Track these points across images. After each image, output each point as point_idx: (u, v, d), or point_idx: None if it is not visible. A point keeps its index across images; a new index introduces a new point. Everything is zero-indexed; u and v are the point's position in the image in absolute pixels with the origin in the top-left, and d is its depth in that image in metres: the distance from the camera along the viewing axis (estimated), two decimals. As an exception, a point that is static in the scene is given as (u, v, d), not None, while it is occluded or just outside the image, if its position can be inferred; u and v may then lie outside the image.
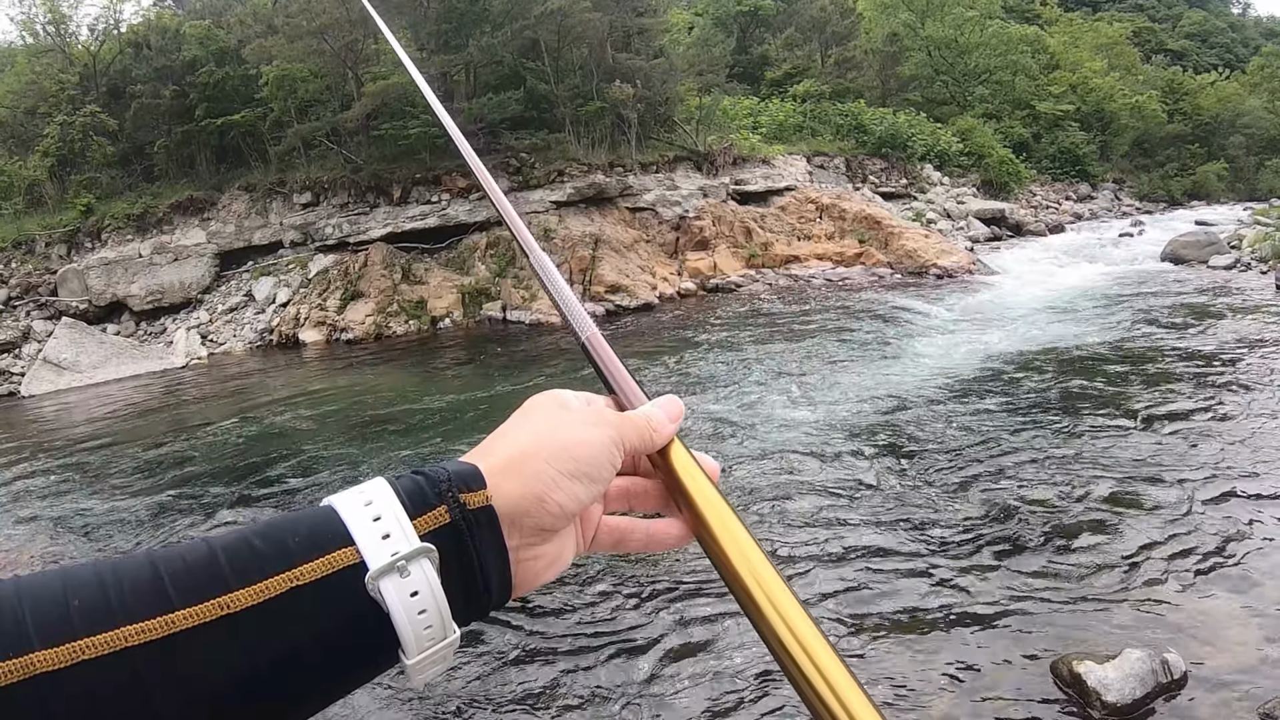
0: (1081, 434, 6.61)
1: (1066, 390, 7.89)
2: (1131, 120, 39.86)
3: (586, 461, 0.58)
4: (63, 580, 0.45)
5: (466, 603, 0.53)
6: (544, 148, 20.37)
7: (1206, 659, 3.62)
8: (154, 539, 6.95)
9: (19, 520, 7.83)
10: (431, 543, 0.51)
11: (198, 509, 7.52)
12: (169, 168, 22.78)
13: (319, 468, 8.37)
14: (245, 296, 19.93)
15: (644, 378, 10.50)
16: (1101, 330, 10.73)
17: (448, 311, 18.08)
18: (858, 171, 26.26)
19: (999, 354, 9.80)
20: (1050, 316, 12.24)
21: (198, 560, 0.47)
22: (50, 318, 19.57)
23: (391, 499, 0.52)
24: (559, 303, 0.70)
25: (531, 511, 0.55)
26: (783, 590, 0.55)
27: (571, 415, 0.62)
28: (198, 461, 9.23)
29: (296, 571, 0.48)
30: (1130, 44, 47.91)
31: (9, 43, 28.63)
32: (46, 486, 8.93)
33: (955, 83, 35.11)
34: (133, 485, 8.56)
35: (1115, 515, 5.06)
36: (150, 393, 14.90)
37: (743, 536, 0.58)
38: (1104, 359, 9.07)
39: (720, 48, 24.02)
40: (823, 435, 7.27)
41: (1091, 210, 33.28)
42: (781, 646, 0.53)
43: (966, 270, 18.70)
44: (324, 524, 0.51)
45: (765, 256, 20.29)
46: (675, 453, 0.63)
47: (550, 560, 0.59)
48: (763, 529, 5.42)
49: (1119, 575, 4.37)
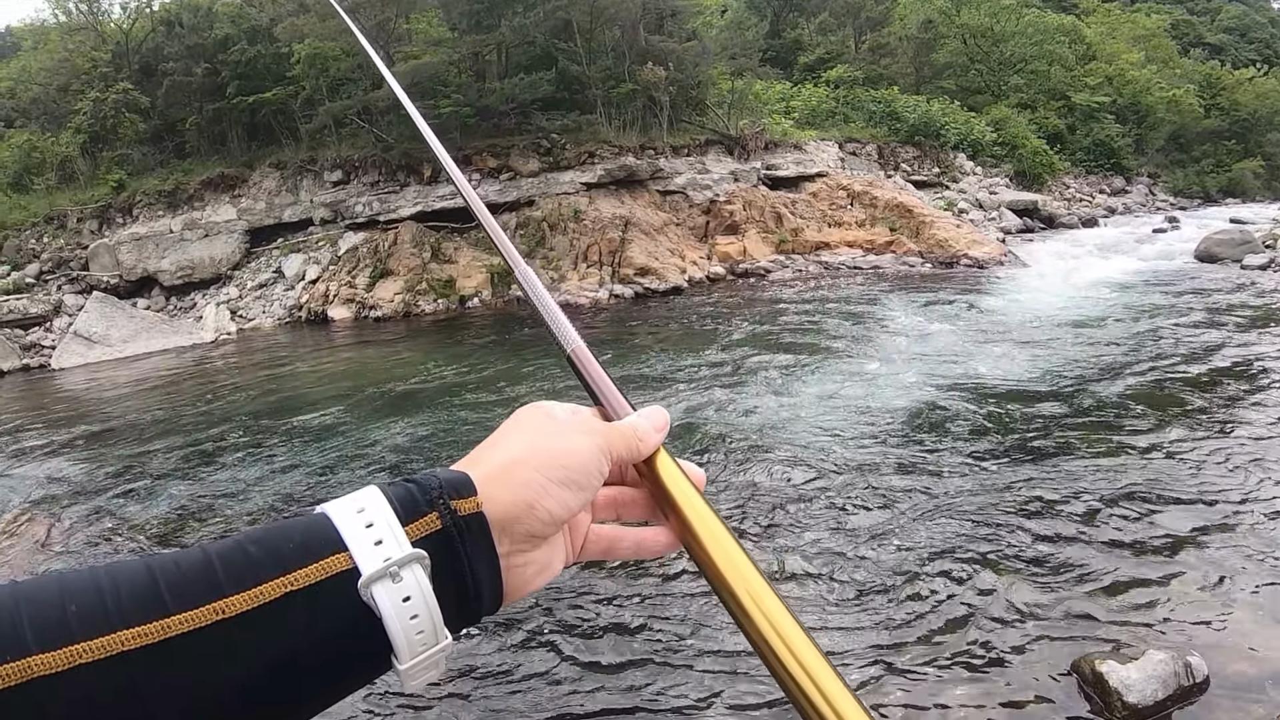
0: (1111, 437, 6.41)
1: (1095, 391, 7.64)
2: (1168, 114, 39.18)
3: (575, 469, 0.59)
4: (59, 585, 0.45)
5: (458, 608, 0.54)
6: (575, 129, 20.26)
7: (1230, 664, 3.55)
8: (173, 512, 6.92)
9: (44, 491, 7.84)
10: (423, 549, 0.52)
11: (220, 482, 7.51)
12: (200, 145, 22.88)
13: (346, 442, 8.34)
14: (275, 273, 19.98)
15: (674, 364, 10.42)
16: (1131, 329, 10.41)
17: (476, 290, 18.04)
18: (890, 159, 25.99)
19: (1030, 350, 9.53)
20: (1081, 312, 11.93)
21: (193, 566, 0.48)
22: (81, 292, 19.70)
23: (384, 506, 0.53)
24: (544, 315, 0.70)
25: (522, 518, 0.56)
26: (769, 594, 0.56)
27: (559, 425, 0.62)
28: (223, 434, 9.22)
29: (290, 577, 0.48)
30: (1168, 36, 47.16)
31: (42, 21, 28.80)
32: (70, 457, 8.95)
33: (990, 71, 34.61)
34: (158, 457, 8.56)
35: (1142, 518, 4.95)
36: (179, 366, 14.94)
37: (729, 542, 0.59)
38: (1134, 359, 8.76)
39: (753, 31, 23.81)
40: (853, 426, 7.11)
41: (1125, 204, 32.75)
42: (769, 648, 0.54)
43: (998, 261, 18.42)
44: (317, 531, 0.51)
45: (795, 242, 20.10)
46: (661, 462, 0.64)
47: (541, 567, 0.59)
48: (791, 521, 5.35)
49: (1145, 576, 4.30)
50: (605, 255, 18.13)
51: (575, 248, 18.43)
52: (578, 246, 18.42)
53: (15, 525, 6.85)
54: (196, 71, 22.61)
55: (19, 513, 7.16)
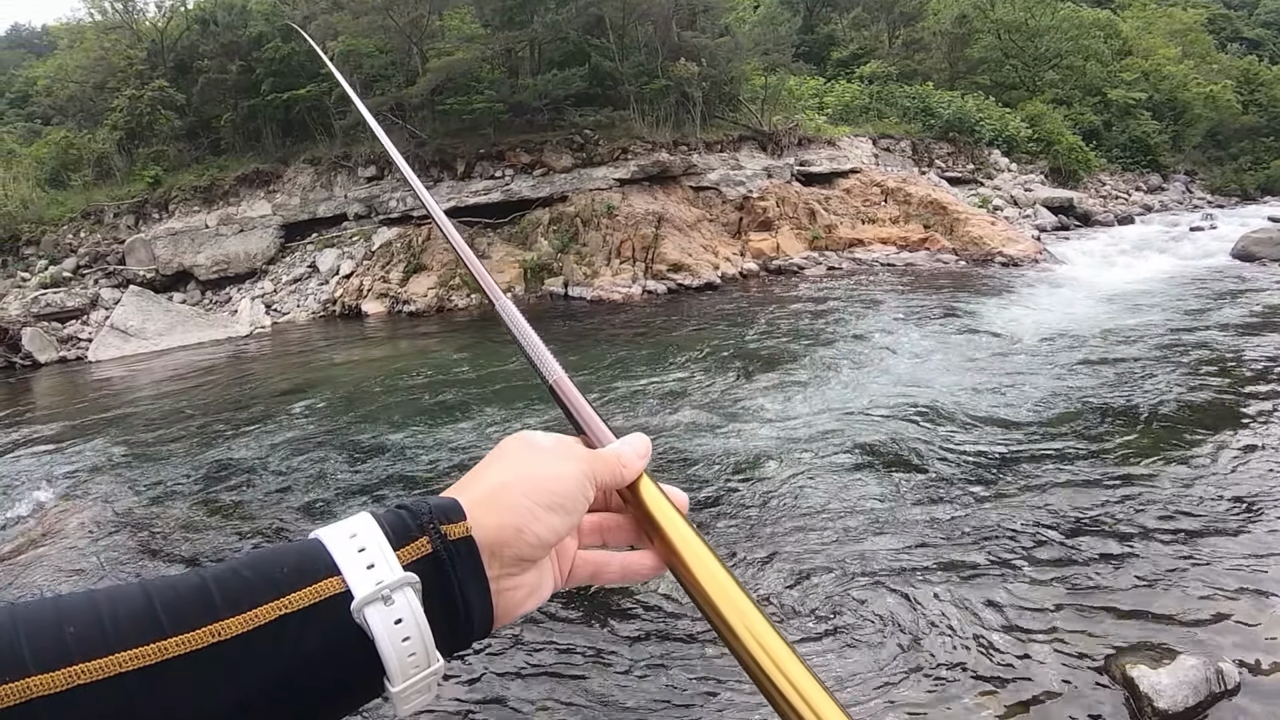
0: (1148, 441, 6.29)
1: (1131, 395, 7.43)
2: (1205, 110, 38.47)
3: (561, 494, 0.60)
4: (56, 608, 0.46)
5: (450, 631, 0.55)
6: (608, 125, 20.19)
7: (1262, 672, 3.50)
8: (207, 502, 6.93)
9: (82, 481, 7.87)
10: (415, 572, 0.53)
11: (253, 472, 7.52)
12: (235, 141, 23.05)
13: (377, 433, 8.35)
14: (309, 267, 20.08)
15: (701, 362, 10.34)
16: (1168, 330, 10.12)
17: (509, 286, 18.01)
18: (924, 155, 25.71)
19: (1066, 352, 9.29)
20: (1117, 312, 11.65)
21: (189, 590, 0.48)
22: (118, 286, 19.88)
23: (376, 531, 0.54)
24: (525, 348, 0.72)
25: (510, 542, 0.57)
26: (755, 613, 0.57)
27: (544, 452, 0.63)
28: (256, 425, 9.25)
29: (285, 600, 0.49)
30: (1205, 31, 46.38)
31: (78, 20, 29.13)
32: (107, 448, 9.00)
33: (1025, 67, 34.14)
34: (193, 447, 8.60)
35: (1177, 524, 4.89)
36: (214, 359, 15.05)
37: (713, 564, 0.60)
38: (1171, 361, 8.51)
39: (786, 26, 23.60)
40: (885, 430, 6.96)
41: (1161, 202, 32.21)
42: (756, 665, 0.55)
43: (1033, 259, 18.14)
44: (311, 555, 0.53)
45: (828, 239, 19.92)
46: (644, 487, 0.65)
47: (530, 590, 0.60)
48: (820, 521, 5.30)
49: (1179, 582, 4.24)
50: (638, 251, 18.06)
51: (608, 243, 18.36)
52: (611, 242, 18.36)
53: (53, 514, 6.89)
54: (231, 69, 22.81)
55: (57, 502, 7.20)
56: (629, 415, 8.18)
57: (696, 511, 5.69)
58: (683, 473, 6.36)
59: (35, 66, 36.32)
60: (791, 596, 4.45)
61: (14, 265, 21.19)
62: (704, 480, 6.19)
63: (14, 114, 34.62)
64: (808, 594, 4.45)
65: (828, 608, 4.30)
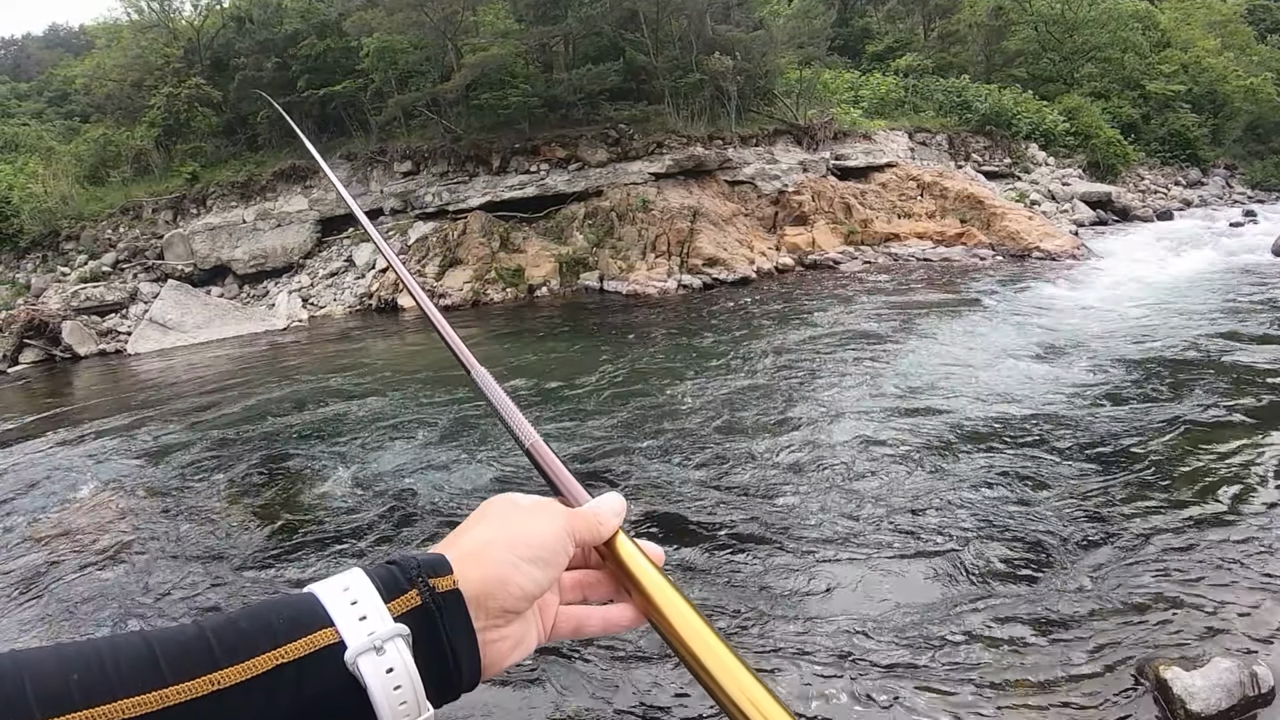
0: (1186, 443, 6.14)
1: (1170, 396, 7.23)
2: (1245, 103, 37.69)
3: (542, 548, 0.63)
4: (57, 656, 0.47)
5: (439, 680, 0.57)
6: (643, 119, 20.14)
7: None
8: (243, 492, 6.94)
9: (119, 470, 7.92)
10: (405, 624, 0.55)
11: (286, 463, 7.55)
12: (271, 137, 23.22)
13: (412, 426, 8.35)
14: (345, 262, 20.19)
15: (742, 355, 10.25)
16: (1207, 330, 9.80)
17: (545, 280, 18.01)
18: (960, 149, 25.40)
19: (1105, 351, 9.06)
20: (1156, 311, 11.32)
21: (189, 640, 0.50)
22: (156, 280, 20.11)
23: (367, 585, 0.57)
24: (500, 413, 0.75)
25: (495, 594, 0.60)
26: (732, 659, 0.60)
27: (525, 511, 0.66)
28: (290, 416, 9.31)
29: (281, 650, 0.51)
30: (1244, 22, 45.54)
31: (115, 19, 29.43)
32: (143, 438, 9.08)
33: (1062, 59, 33.60)
34: (228, 438, 8.66)
35: (1213, 526, 4.80)
36: (252, 352, 15.15)
37: (689, 614, 0.63)
38: (1212, 362, 8.29)
39: (821, 20, 23.35)
40: (920, 430, 6.87)
41: (1201, 197, 31.62)
42: (738, 710, 0.57)
43: (1071, 255, 17.84)
44: (305, 608, 0.55)
45: (864, 234, 19.73)
46: (621, 543, 0.68)
47: (515, 642, 0.63)
48: (839, 517, 5.26)
49: (1213, 584, 4.18)
50: (673, 245, 17.98)
51: (644, 238, 18.30)
52: (646, 237, 18.30)
53: (91, 503, 6.93)
54: (267, 66, 23.01)
55: (95, 490, 7.25)
56: (672, 416, 8.14)
57: (757, 510, 5.66)
58: (728, 472, 6.32)
59: (73, 65, 36.73)
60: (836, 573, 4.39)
61: (54, 260, 21.50)
62: (743, 486, 6.14)
63: (53, 112, 35.16)
64: (863, 581, 4.40)
65: (876, 598, 4.28)
